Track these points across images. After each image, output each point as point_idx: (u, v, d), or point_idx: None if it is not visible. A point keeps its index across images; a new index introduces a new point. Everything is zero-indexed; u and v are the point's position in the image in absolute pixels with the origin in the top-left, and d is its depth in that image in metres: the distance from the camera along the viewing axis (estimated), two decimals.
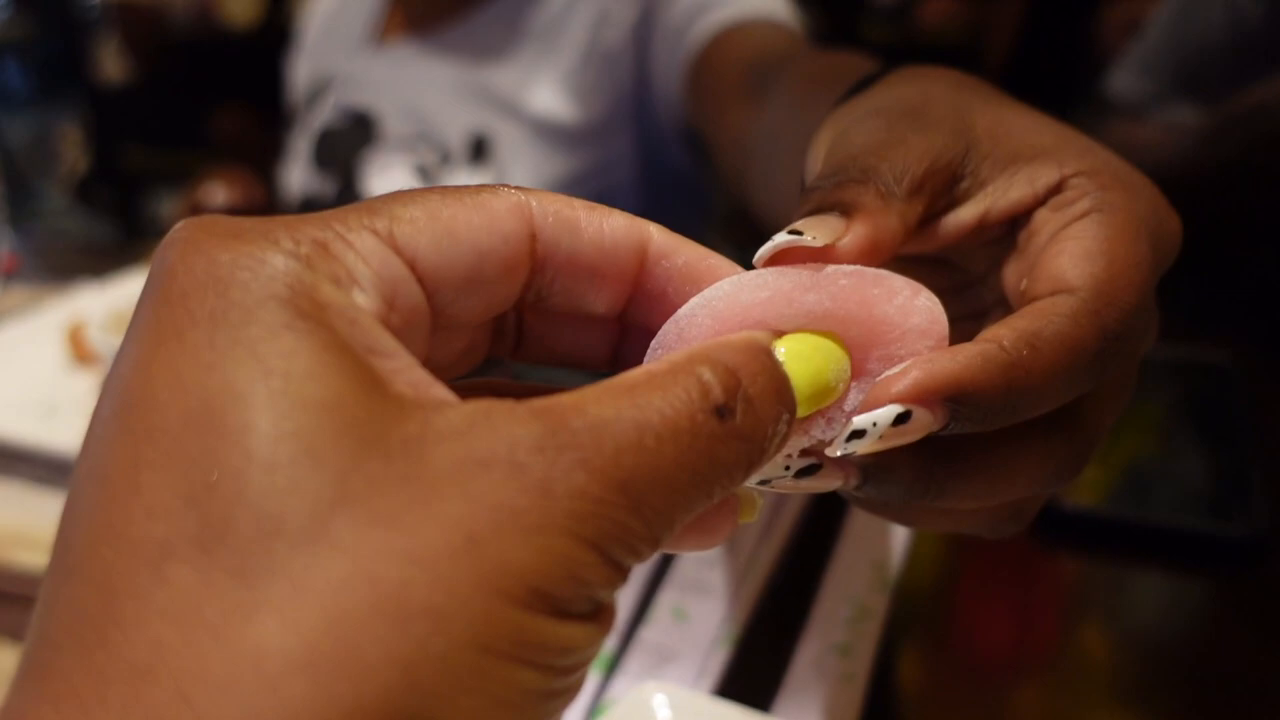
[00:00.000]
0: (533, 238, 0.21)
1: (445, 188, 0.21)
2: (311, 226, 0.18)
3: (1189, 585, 0.56)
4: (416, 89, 1.00)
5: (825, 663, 0.48)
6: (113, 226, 2.65)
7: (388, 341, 0.18)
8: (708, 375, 0.18)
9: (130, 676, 0.14)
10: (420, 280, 0.19)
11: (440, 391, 0.18)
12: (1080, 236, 0.26)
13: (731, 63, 0.82)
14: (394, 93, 1.01)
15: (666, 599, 0.53)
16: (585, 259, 0.22)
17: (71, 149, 2.73)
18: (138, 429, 0.16)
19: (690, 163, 0.98)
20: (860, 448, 0.23)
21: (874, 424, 0.23)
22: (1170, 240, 0.28)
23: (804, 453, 0.24)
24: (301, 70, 1.11)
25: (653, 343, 0.23)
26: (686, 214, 1.05)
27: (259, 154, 1.13)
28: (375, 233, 0.19)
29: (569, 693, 0.17)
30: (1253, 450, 0.63)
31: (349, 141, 1.02)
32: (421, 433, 0.16)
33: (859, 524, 0.58)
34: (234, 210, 1.02)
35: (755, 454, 0.19)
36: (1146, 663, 0.50)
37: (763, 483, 0.25)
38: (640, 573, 0.54)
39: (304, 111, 1.08)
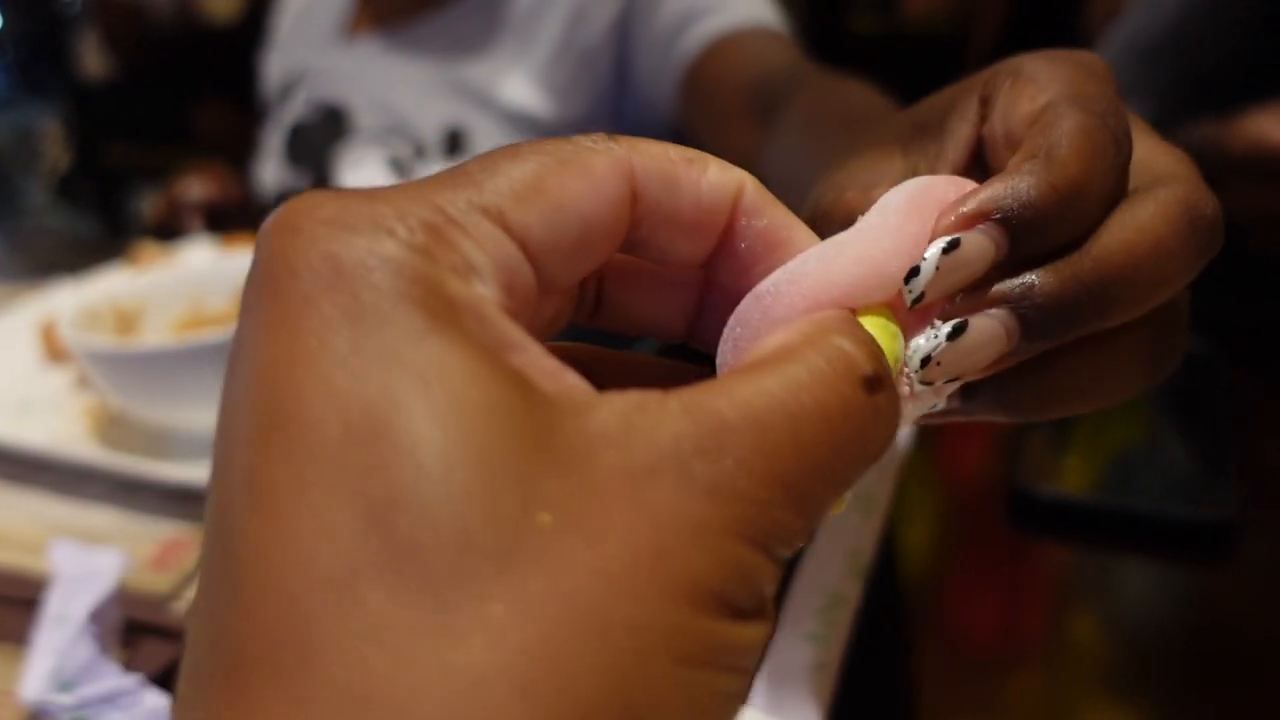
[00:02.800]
0: (634, 197, 0.20)
1: (544, 144, 0.19)
2: (419, 207, 0.17)
3: (1165, 570, 0.56)
4: (387, 84, 0.99)
5: (796, 652, 0.48)
6: (95, 223, 2.64)
7: (516, 334, 0.17)
8: (849, 346, 0.18)
9: (341, 705, 0.14)
10: (530, 258, 0.18)
11: (574, 380, 0.17)
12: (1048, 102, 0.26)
13: (731, 77, 0.82)
14: (365, 87, 1.00)
15: None
16: (684, 216, 0.21)
17: (53, 146, 2.71)
18: (296, 444, 0.15)
19: None
20: (918, 286, 0.22)
21: (925, 258, 0.22)
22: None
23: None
24: (274, 65, 1.11)
25: (730, 320, 0.22)
26: None
27: (240, 149, 1.13)
28: (487, 213, 0.18)
29: (749, 692, 0.18)
30: (1231, 437, 0.63)
31: (321, 135, 1.02)
32: (584, 437, 0.16)
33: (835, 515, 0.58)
34: (209, 205, 1.01)
35: (895, 427, 0.19)
36: (1125, 645, 0.51)
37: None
38: None
39: (276, 106, 1.07)
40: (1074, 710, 0.47)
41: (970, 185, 0.24)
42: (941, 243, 0.22)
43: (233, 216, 1.03)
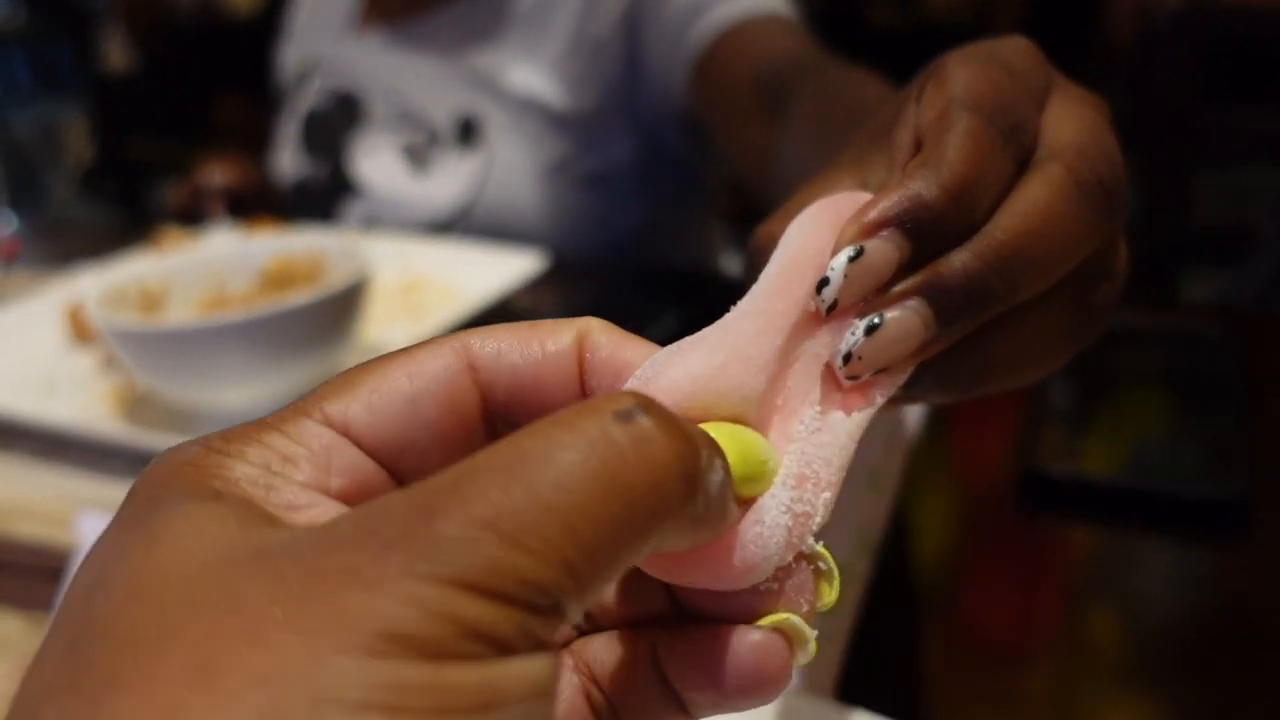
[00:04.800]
0: (472, 369, 0.22)
1: (386, 354, 0.22)
2: (254, 426, 0.21)
3: (1178, 549, 0.56)
4: (397, 75, 1.00)
5: None
6: (117, 216, 2.66)
7: (305, 497, 0.20)
8: (613, 395, 0.18)
9: None
10: (357, 437, 0.21)
11: (325, 512, 0.19)
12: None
13: (741, 68, 0.82)
14: (376, 76, 1.01)
15: None
16: (529, 376, 0.22)
17: (77, 140, 2.74)
18: (64, 601, 0.18)
19: (689, 149, 0.98)
20: (830, 295, 0.24)
21: (832, 269, 0.24)
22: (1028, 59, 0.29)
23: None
24: (289, 56, 1.12)
25: None
26: (686, 196, 1.06)
27: (259, 142, 1.14)
28: (307, 414, 0.21)
29: None
30: (1244, 417, 0.63)
31: (335, 123, 1.03)
32: (293, 534, 0.17)
33: (843, 494, 0.59)
34: (231, 192, 1.02)
35: (689, 465, 0.18)
36: (1139, 624, 0.51)
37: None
38: None
39: (291, 95, 1.08)
40: (1087, 692, 0.47)
41: (868, 197, 0.26)
42: (848, 252, 0.24)
43: (253, 203, 1.05)
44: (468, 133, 0.97)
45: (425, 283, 0.86)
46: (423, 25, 1.00)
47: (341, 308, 0.66)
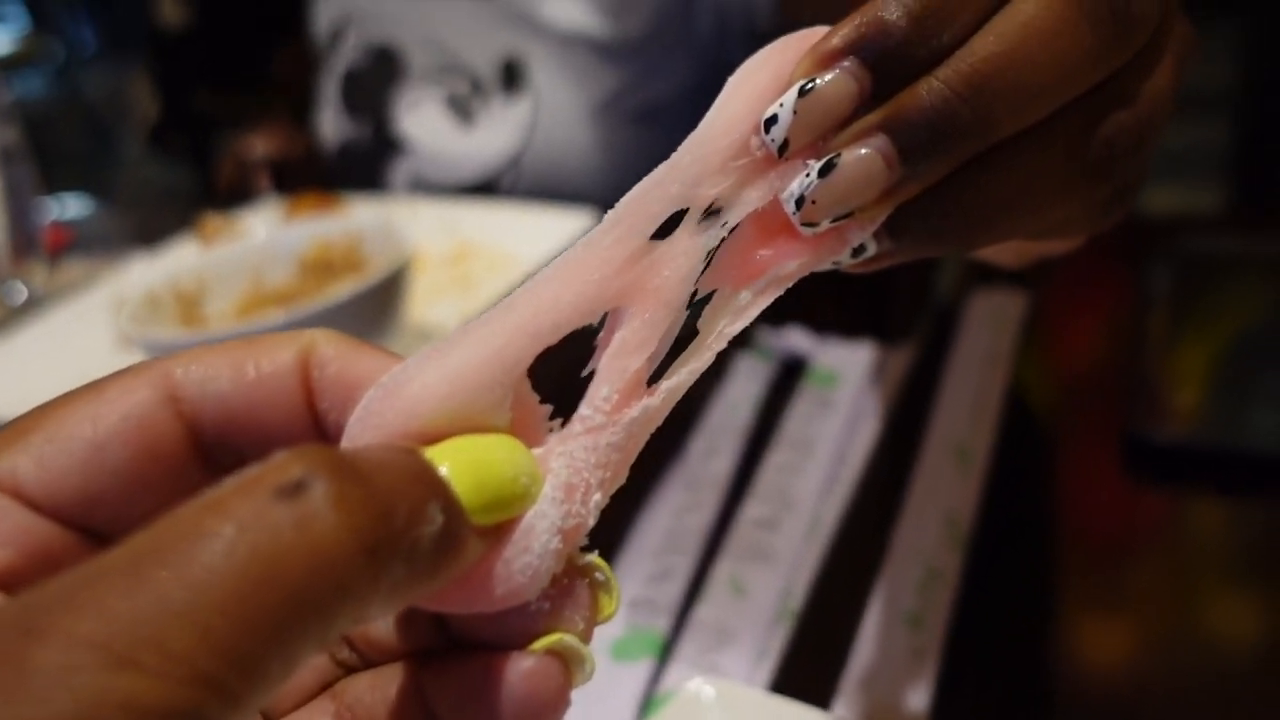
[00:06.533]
0: (174, 400, 0.20)
1: (67, 393, 0.20)
2: None
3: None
4: (436, 20, 0.95)
5: (893, 636, 0.44)
6: (189, 170, 2.69)
7: None
8: (284, 459, 0.16)
9: None
10: (28, 494, 0.19)
11: None
12: None
13: None
14: (414, 25, 0.96)
15: (723, 570, 0.49)
16: (242, 404, 0.20)
17: (143, 97, 2.76)
18: None
19: None
20: (779, 134, 0.22)
21: (780, 105, 0.22)
22: None
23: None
24: (322, 11, 1.08)
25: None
26: None
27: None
28: None
29: None
30: None
31: (375, 80, 0.98)
32: None
33: (929, 471, 0.53)
34: (275, 162, 0.99)
35: (373, 537, 0.16)
36: (1245, 588, 0.45)
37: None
38: (695, 542, 0.51)
39: (328, 53, 1.04)
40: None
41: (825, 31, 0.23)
42: (797, 85, 0.22)
43: (298, 170, 1.01)
44: (511, 77, 0.92)
45: (474, 251, 0.82)
46: None
47: (384, 297, 0.62)
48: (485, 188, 0.95)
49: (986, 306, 0.66)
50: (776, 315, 0.66)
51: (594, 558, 0.21)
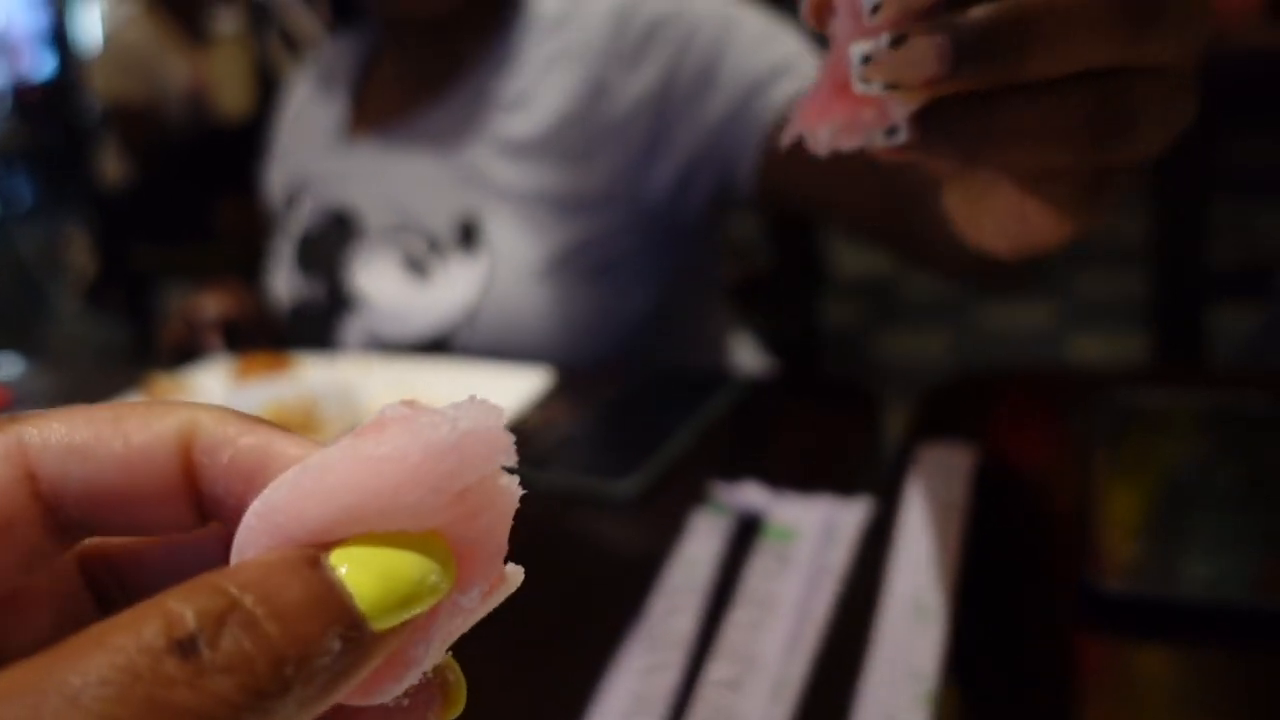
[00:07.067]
0: (30, 478, 0.18)
1: None
2: None
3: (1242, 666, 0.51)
4: (393, 181, 0.98)
5: None
6: (125, 326, 2.66)
7: None
8: (177, 605, 0.15)
9: None
10: None
11: None
12: None
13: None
14: (371, 187, 0.99)
15: None
16: (107, 484, 0.19)
17: (79, 254, 2.75)
18: None
19: (707, 224, 0.96)
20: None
21: None
22: None
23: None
24: (275, 176, 1.10)
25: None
26: (697, 275, 1.02)
27: (265, 244, 1.12)
28: None
29: None
30: None
31: (330, 242, 1.00)
32: None
33: (890, 624, 0.54)
34: (226, 322, 1.00)
35: (267, 686, 0.15)
36: None
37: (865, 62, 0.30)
38: (663, 706, 0.50)
39: (282, 216, 1.06)
40: None
41: None
42: None
43: (249, 333, 1.02)
44: (468, 236, 0.94)
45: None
46: (415, 125, 0.98)
47: None
48: (439, 344, 0.96)
49: (935, 458, 0.68)
50: (731, 470, 0.67)
51: (449, 656, 0.20)
